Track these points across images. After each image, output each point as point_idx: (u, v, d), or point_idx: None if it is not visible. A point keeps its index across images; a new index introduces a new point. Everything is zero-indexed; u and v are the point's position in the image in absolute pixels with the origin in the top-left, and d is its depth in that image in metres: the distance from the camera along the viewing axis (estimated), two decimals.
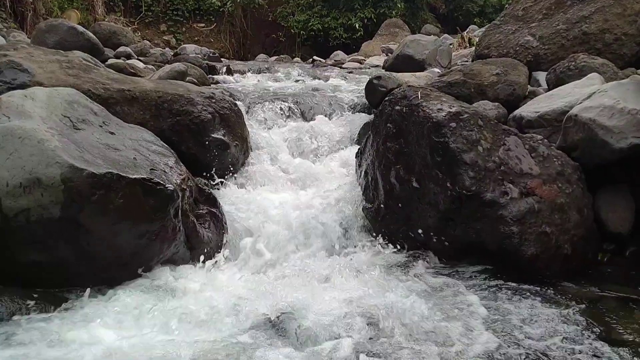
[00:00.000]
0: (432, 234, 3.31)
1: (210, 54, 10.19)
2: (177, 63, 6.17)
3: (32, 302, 2.70)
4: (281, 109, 5.17)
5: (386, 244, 3.52)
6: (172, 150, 3.54)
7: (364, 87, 5.26)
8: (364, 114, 5.18)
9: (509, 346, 2.39)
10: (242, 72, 7.93)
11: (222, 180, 4.11)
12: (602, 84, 3.64)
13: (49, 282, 2.85)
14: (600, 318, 2.62)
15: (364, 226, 3.75)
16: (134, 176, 2.87)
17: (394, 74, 5.68)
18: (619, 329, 2.52)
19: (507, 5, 6.01)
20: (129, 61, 6.92)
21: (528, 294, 2.89)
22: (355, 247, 3.61)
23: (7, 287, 2.75)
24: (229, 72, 7.90)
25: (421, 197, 3.33)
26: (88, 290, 2.86)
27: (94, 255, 2.88)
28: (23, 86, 3.46)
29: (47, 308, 2.71)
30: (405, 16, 15.68)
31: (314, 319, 2.57)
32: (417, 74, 6.24)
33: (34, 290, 2.78)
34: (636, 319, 2.60)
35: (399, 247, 3.46)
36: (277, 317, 2.58)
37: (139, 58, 8.16)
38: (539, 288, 2.95)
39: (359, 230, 3.74)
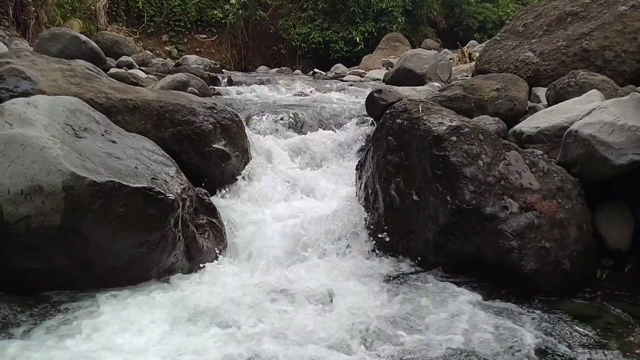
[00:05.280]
0: (431, 247, 3.31)
1: (212, 65, 10.23)
2: (179, 73, 6.19)
3: (28, 310, 2.70)
4: (282, 120, 5.18)
5: (386, 256, 3.52)
6: (173, 160, 3.54)
7: (365, 100, 5.28)
8: (364, 126, 5.19)
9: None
10: (243, 84, 7.95)
11: (223, 190, 4.11)
12: (602, 100, 3.65)
13: (46, 290, 2.86)
14: (598, 334, 2.62)
15: (363, 238, 3.75)
16: (135, 185, 2.88)
17: (395, 87, 5.72)
18: (617, 346, 2.51)
19: (507, 21, 6.06)
20: (130, 71, 6.94)
21: (526, 308, 2.90)
22: (354, 259, 3.60)
23: (5, 294, 2.76)
24: (230, 83, 7.93)
25: (421, 210, 3.33)
26: (83, 297, 2.86)
27: (93, 263, 2.89)
28: (25, 94, 3.46)
29: (42, 316, 2.70)
30: (405, 30, 15.77)
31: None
32: (417, 88, 6.28)
33: (30, 297, 2.79)
34: (635, 336, 2.60)
35: (398, 259, 3.46)
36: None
37: (141, 68, 8.21)
38: (537, 303, 2.95)
39: (358, 243, 3.73)
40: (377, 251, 3.61)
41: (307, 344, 2.50)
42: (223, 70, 10.89)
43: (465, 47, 11.09)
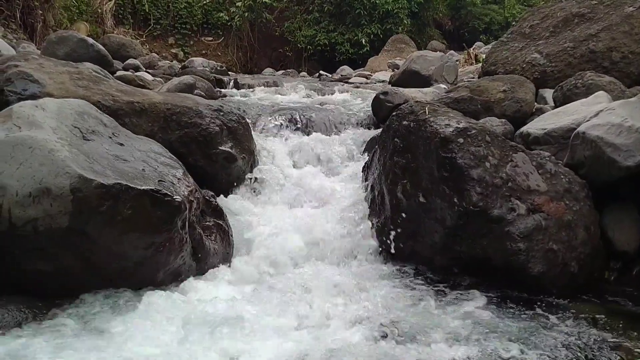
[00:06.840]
0: (438, 249, 3.31)
1: (218, 68, 10.26)
2: (186, 76, 6.20)
3: (35, 312, 2.71)
4: (288, 122, 5.18)
5: (392, 258, 3.51)
6: (180, 162, 3.55)
7: (371, 102, 5.28)
8: (370, 128, 5.19)
9: None
10: (250, 86, 7.96)
11: (229, 192, 4.12)
12: (609, 102, 3.64)
13: (53, 291, 2.86)
14: (605, 337, 2.60)
15: (369, 240, 3.74)
16: (142, 187, 2.88)
17: (401, 89, 5.71)
18: (625, 349, 2.50)
19: (513, 23, 6.05)
20: (137, 73, 6.97)
21: (533, 311, 2.89)
22: (360, 261, 3.60)
23: (12, 296, 2.77)
24: (237, 85, 7.94)
25: (428, 213, 3.33)
26: (91, 299, 2.87)
27: (100, 265, 2.89)
28: (33, 97, 3.47)
29: (48, 318, 2.71)
30: (411, 32, 15.77)
31: None
32: (424, 89, 6.26)
33: (38, 299, 2.80)
34: None
35: (404, 261, 3.46)
36: None
37: (147, 70, 8.23)
38: (544, 305, 2.94)
39: (364, 245, 3.73)
40: (383, 253, 3.60)
41: None
42: (229, 72, 10.91)
43: (472, 49, 11.07)
